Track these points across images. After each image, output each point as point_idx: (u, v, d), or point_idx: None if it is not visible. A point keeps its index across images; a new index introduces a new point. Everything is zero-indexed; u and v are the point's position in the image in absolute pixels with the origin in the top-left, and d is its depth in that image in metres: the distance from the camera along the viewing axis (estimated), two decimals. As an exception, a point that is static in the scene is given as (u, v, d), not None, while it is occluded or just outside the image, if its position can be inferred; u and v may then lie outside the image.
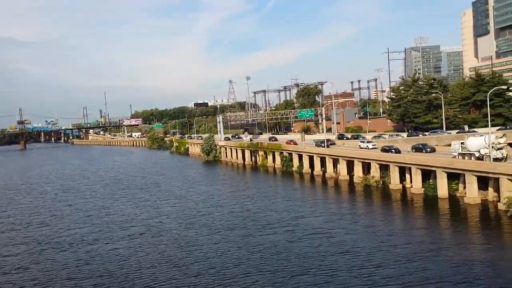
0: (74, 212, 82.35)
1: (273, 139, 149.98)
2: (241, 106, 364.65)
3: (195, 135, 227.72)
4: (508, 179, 61.87)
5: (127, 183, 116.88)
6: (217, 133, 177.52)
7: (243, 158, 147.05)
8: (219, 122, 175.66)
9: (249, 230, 62.14)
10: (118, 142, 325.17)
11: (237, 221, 67.95)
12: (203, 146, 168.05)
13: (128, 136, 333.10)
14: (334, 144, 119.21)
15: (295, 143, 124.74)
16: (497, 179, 64.31)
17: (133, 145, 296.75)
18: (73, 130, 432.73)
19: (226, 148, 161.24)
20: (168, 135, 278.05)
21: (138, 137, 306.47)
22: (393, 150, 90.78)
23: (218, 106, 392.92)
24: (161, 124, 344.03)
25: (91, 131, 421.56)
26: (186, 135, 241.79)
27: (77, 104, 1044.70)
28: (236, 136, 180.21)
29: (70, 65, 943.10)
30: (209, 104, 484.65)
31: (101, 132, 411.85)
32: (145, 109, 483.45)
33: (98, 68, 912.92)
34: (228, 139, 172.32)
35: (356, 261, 47.04)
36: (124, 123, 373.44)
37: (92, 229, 68.03)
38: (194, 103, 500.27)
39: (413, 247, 50.63)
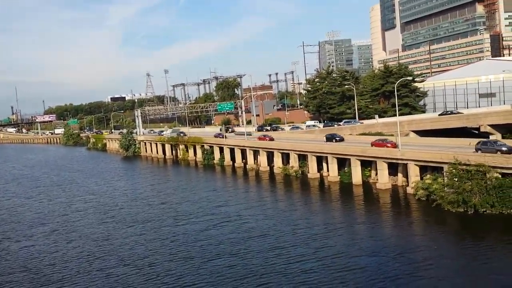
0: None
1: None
2: (160, 100, 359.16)
3: (117, 130, 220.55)
4: (416, 165, 66.41)
5: (42, 181, 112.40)
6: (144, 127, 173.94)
7: (164, 153, 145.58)
8: (137, 117, 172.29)
9: (167, 221, 63.04)
10: (32, 140, 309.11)
11: (156, 213, 68.39)
12: (121, 141, 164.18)
13: (50, 133, 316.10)
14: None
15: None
16: (406, 165, 68.77)
17: (48, 142, 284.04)
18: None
19: (146, 142, 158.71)
20: (84, 131, 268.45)
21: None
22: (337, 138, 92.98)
23: (136, 100, 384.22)
24: (76, 119, 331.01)
25: (11, 129, 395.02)
26: (105, 130, 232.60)
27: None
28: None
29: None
30: (127, 98, 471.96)
31: (24, 131, 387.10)
32: (59, 105, 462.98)
33: (7, 64, 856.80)
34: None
35: (272, 243, 49.75)
36: (37, 120, 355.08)
37: (2, 228, 65.46)
38: (111, 98, 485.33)
39: (327, 228, 54.09)
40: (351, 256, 44.02)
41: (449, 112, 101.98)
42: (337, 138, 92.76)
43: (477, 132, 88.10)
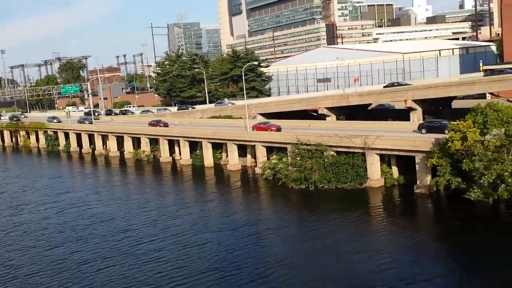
0: None
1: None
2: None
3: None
4: (263, 146, 70.49)
5: None
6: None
7: (2, 139, 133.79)
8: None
9: (6, 211, 60.57)
10: None
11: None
12: None
13: None
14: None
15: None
16: (254, 146, 72.60)
17: None
18: None
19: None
20: None
21: None
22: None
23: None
24: None
25: None
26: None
27: None
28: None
29: None
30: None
31: None
32: None
33: None
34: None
35: (119, 226, 50.49)
36: None
37: None
38: None
39: (177, 208, 56.06)
40: (197, 233, 46.39)
41: (396, 84, 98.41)
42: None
43: (315, 114, 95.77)
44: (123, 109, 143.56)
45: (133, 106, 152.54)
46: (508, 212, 45.15)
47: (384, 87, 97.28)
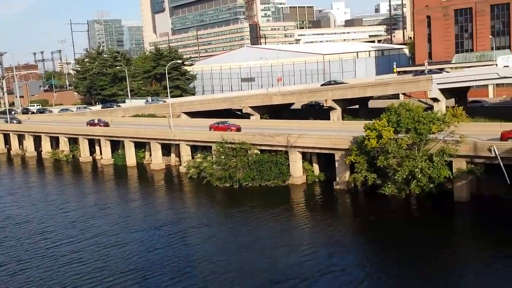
0: None
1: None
2: None
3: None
4: (187, 145, 70.34)
5: None
6: None
7: None
8: None
9: None
10: None
11: None
12: None
13: None
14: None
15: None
16: (178, 145, 72.24)
17: None
18: None
19: None
20: None
21: None
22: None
23: None
24: None
25: None
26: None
27: None
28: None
29: None
30: None
31: None
32: None
33: None
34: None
35: (36, 228, 49.16)
36: None
37: None
38: None
39: (97, 209, 55.06)
40: (118, 233, 45.91)
41: (333, 82, 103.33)
42: None
43: (240, 113, 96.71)
44: (41, 108, 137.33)
45: (38, 105, 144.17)
46: (419, 206, 48.31)
47: (322, 85, 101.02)
